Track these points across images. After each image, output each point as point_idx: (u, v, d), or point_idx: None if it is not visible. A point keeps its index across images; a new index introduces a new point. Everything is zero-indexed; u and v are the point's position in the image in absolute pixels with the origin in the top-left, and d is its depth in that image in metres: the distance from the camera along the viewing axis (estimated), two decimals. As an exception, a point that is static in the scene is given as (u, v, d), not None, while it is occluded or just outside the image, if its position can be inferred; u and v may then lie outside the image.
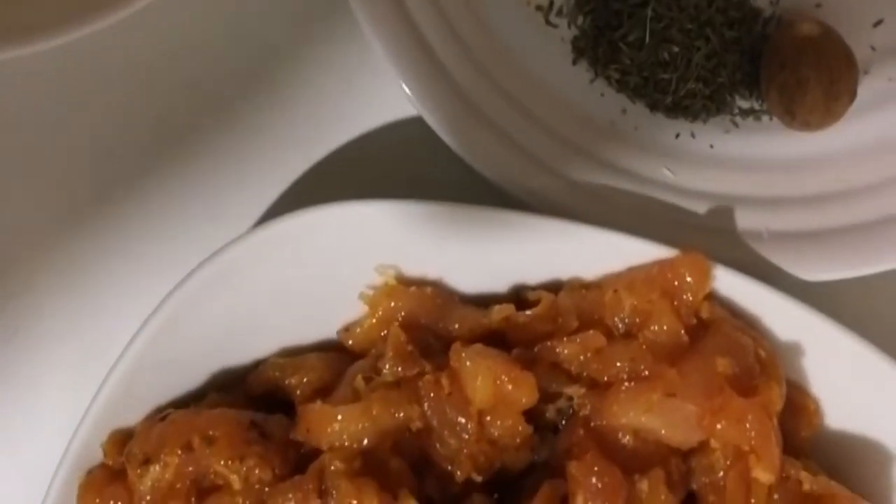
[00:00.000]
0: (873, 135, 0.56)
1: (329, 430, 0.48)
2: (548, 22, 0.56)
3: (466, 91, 0.54)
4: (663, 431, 0.48)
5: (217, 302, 0.51)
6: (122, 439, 0.50)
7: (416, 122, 0.54)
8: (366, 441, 0.48)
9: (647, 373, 0.49)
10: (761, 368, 0.50)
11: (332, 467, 0.47)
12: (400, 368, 0.49)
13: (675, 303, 0.50)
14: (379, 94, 0.57)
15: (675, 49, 0.54)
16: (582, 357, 0.50)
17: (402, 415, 0.48)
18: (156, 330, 0.50)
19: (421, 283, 0.52)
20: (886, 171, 0.55)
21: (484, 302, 0.52)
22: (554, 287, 0.52)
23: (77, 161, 0.57)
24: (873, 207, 0.55)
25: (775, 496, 0.49)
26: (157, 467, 0.49)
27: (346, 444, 0.48)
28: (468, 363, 0.48)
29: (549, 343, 0.50)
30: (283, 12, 0.57)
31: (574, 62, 0.56)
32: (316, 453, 0.49)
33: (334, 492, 0.46)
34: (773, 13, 0.56)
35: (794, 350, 0.52)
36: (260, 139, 0.57)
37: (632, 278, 0.51)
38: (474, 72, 0.54)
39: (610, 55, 0.55)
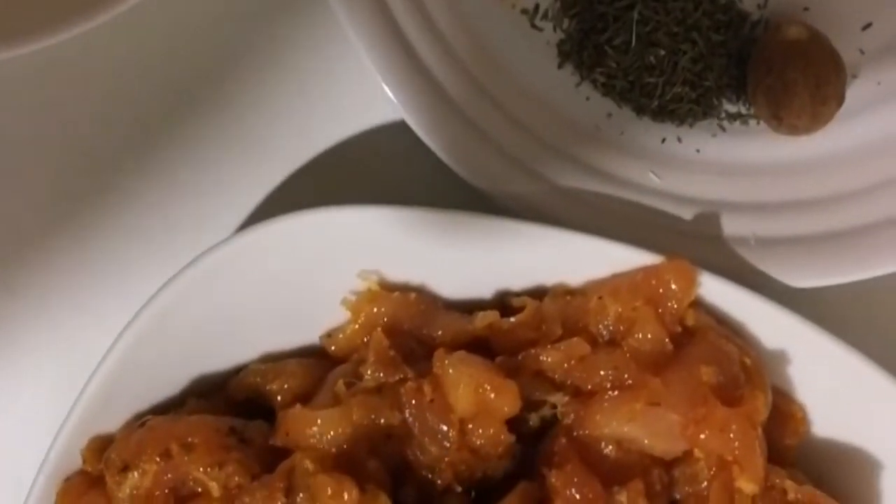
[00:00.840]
0: (862, 139, 0.55)
1: (308, 433, 0.48)
2: (533, 25, 0.56)
3: (451, 95, 0.53)
4: (646, 441, 0.48)
5: (198, 308, 0.50)
6: (101, 446, 0.50)
7: (400, 127, 0.53)
8: (345, 446, 0.48)
9: (630, 381, 0.49)
10: (746, 377, 0.49)
11: (303, 467, 0.46)
12: (382, 374, 0.49)
13: (660, 310, 0.50)
14: (362, 98, 0.56)
15: (662, 53, 0.54)
16: (566, 365, 0.49)
17: (382, 421, 0.48)
18: (136, 336, 0.49)
19: (404, 289, 0.51)
20: (875, 175, 0.55)
21: (468, 308, 0.52)
22: (538, 293, 0.52)
23: (57, 165, 0.56)
24: (861, 213, 0.54)
25: (760, 506, 0.48)
26: (136, 474, 0.48)
27: (324, 446, 0.48)
28: (451, 370, 0.48)
29: (532, 351, 0.49)
30: (266, 16, 0.57)
31: (559, 66, 0.56)
32: (296, 458, 0.48)
33: (301, 493, 0.46)
34: (760, 16, 0.56)
35: (780, 357, 0.51)
36: (242, 144, 0.57)
37: (617, 285, 0.50)
38: (459, 76, 0.54)
39: (596, 59, 0.55)
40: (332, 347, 0.52)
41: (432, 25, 0.54)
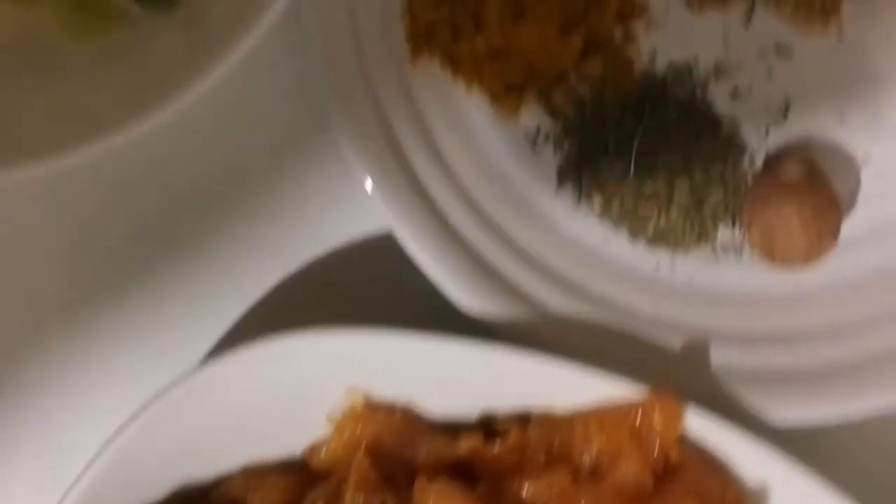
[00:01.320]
0: (857, 272, 0.55)
1: (287, 557, 0.48)
2: (534, 146, 0.56)
3: (445, 213, 0.54)
4: (624, 583, 0.48)
5: (183, 424, 0.50)
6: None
7: (389, 243, 0.54)
8: (322, 572, 0.48)
9: (611, 517, 0.49)
10: (727, 514, 0.49)
11: None
12: (362, 498, 0.49)
13: (645, 445, 0.50)
14: (350, 210, 0.56)
15: (660, 180, 0.54)
16: (547, 496, 0.49)
17: (360, 548, 0.48)
18: (117, 452, 0.49)
19: (389, 409, 0.51)
20: (871, 309, 0.54)
21: (453, 427, 0.52)
22: (524, 417, 0.52)
23: (44, 272, 0.56)
24: (857, 347, 0.54)
25: None
26: (113, 592, 0.48)
27: (303, 573, 0.48)
28: (431, 502, 0.48)
29: (514, 481, 0.49)
30: (253, 132, 0.57)
31: (557, 189, 0.56)
32: (274, 579, 0.48)
33: None
34: (759, 148, 0.56)
35: (763, 492, 0.51)
36: (226, 258, 0.57)
37: (602, 417, 0.50)
38: (454, 193, 0.54)
39: (593, 184, 0.55)
40: (315, 462, 0.51)
41: (431, 144, 0.54)
